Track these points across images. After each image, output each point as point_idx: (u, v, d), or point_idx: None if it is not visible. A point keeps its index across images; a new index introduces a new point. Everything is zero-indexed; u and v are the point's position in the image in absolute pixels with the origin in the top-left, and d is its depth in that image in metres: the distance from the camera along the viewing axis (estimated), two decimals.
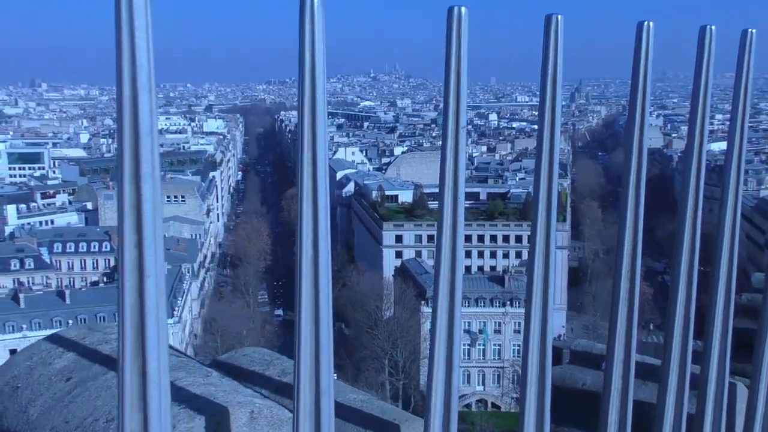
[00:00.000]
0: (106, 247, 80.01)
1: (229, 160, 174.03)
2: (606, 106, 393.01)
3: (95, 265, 79.83)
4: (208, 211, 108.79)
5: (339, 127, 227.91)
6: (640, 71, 2.23)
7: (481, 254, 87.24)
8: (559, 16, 2.02)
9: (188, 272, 78.08)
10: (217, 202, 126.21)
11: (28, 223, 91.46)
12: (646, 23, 2.20)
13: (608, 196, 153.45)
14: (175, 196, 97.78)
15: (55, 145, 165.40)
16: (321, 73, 1.55)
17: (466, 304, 72.16)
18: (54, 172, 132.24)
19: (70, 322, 63.05)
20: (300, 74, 1.57)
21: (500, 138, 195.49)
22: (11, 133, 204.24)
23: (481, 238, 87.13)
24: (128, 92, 1.32)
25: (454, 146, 1.92)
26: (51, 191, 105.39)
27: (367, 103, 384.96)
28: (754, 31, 2.45)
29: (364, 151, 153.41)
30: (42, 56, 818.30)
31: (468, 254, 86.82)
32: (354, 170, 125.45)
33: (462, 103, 1.89)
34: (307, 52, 1.53)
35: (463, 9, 1.75)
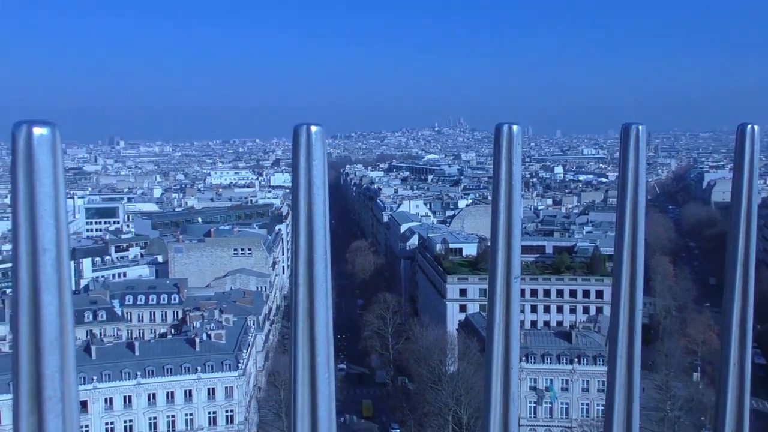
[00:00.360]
0: (174, 299, 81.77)
1: None
2: (676, 158, 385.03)
3: (164, 316, 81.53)
4: (274, 263, 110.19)
5: (403, 180, 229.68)
6: (743, 179, 1.96)
7: (547, 309, 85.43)
8: (640, 127, 1.76)
9: (253, 324, 78.82)
10: (283, 254, 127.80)
11: (102, 276, 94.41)
12: (749, 127, 1.91)
13: (680, 251, 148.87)
14: (242, 249, 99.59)
15: (129, 200, 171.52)
16: (321, 213, 1.30)
17: (532, 360, 70.45)
18: (128, 226, 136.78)
19: (138, 373, 64.31)
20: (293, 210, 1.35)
21: (566, 191, 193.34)
22: (89, 189, 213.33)
23: (547, 293, 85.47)
24: (26, 292, 0.97)
25: (504, 301, 1.61)
26: (124, 244, 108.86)
27: (431, 156, 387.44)
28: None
29: (428, 204, 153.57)
30: (121, 115, 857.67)
31: (533, 309, 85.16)
32: (418, 223, 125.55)
33: (515, 246, 1.60)
34: (302, 198, 1.28)
35: (515, 128, 1.51)
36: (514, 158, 1.51)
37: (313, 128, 1.25)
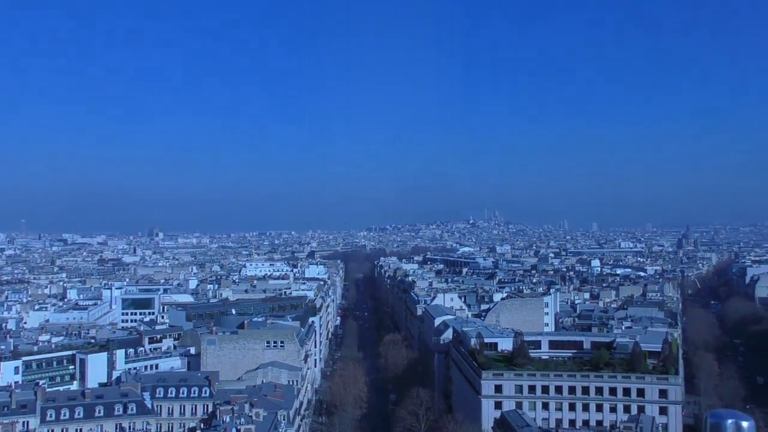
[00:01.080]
0: (205, 393, 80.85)
1: (328, 306, 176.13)
2: (717, 252, 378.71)
3: (194, 410, 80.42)
4: (306, 356, 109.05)
5: (438, 272, 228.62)
6: None
7: (585, 407, 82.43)
8: None
9: (284, 419, 77.21)
10: (315, 347, 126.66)
11: (135, 368, 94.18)
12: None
13: (724, 348, 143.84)
14: (275, 342, 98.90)
15: (165, 290, 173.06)
16: None
17: None
18: (163, 317, 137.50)
19: None
20: None
21: (603, 285, 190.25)
22: (127, 279, 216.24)
23: (585, 390, 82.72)
24: None
25: None
26: (158, 336, 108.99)
27: (466, 248, 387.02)
28: None
29: (462, 297, 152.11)
30: (161, 208, 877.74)
31: (571, 407, 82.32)
32: (452, 316, 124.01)
33: None
34: None
35: (744, 424, 1.08)
36: None
37: (745, 424, 0.71)
